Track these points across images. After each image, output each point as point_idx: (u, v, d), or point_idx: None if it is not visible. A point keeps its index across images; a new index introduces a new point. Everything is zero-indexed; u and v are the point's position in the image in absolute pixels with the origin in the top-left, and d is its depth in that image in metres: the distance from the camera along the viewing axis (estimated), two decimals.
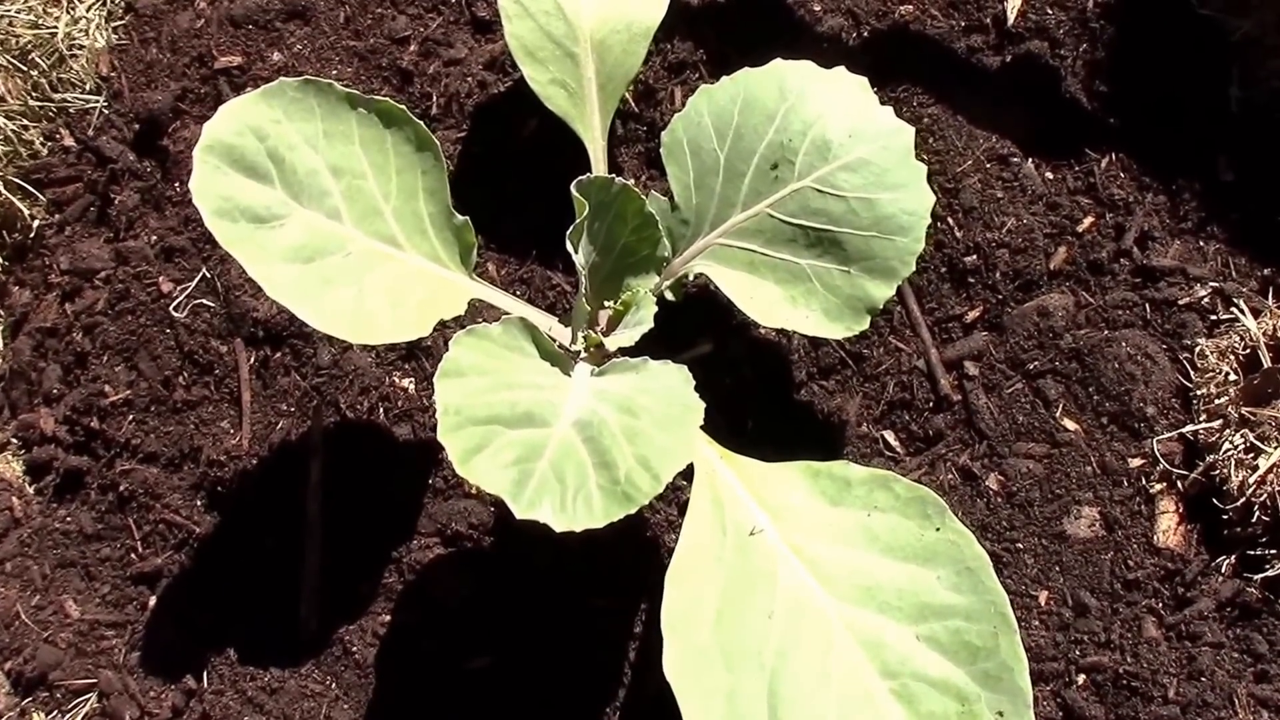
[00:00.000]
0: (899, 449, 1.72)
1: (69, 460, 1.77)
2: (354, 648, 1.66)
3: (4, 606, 1.73)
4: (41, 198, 1.88)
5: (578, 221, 1.46)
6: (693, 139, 1.53)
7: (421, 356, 1.77)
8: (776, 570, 1.36)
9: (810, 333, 1.50)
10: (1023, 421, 1.69)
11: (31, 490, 1.79)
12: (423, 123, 1.82)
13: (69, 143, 1.90)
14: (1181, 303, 1.70)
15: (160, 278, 1.82)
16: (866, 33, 1.85)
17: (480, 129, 1.87)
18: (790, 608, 1.34)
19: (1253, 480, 1.57)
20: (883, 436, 1.73)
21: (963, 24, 1.84)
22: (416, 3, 1.92)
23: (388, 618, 1.67)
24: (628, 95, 1.85)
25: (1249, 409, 1.60)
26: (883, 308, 1.49)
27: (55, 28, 1.91)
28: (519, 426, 1.33)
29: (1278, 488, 1.56)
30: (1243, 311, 1.66)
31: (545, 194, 1.76)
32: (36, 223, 1.88)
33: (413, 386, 1.76)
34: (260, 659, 1.66)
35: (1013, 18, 1.83)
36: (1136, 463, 1.65)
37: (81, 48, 1.92)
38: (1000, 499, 1.66)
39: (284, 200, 1.44)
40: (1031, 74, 1.83)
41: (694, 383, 1.40)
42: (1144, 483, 1.64)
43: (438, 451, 1.69)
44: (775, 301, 1.51)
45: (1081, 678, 1.58)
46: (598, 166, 1.66)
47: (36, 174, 1.90)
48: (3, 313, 1.88)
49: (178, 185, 1.85)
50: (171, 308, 1.80)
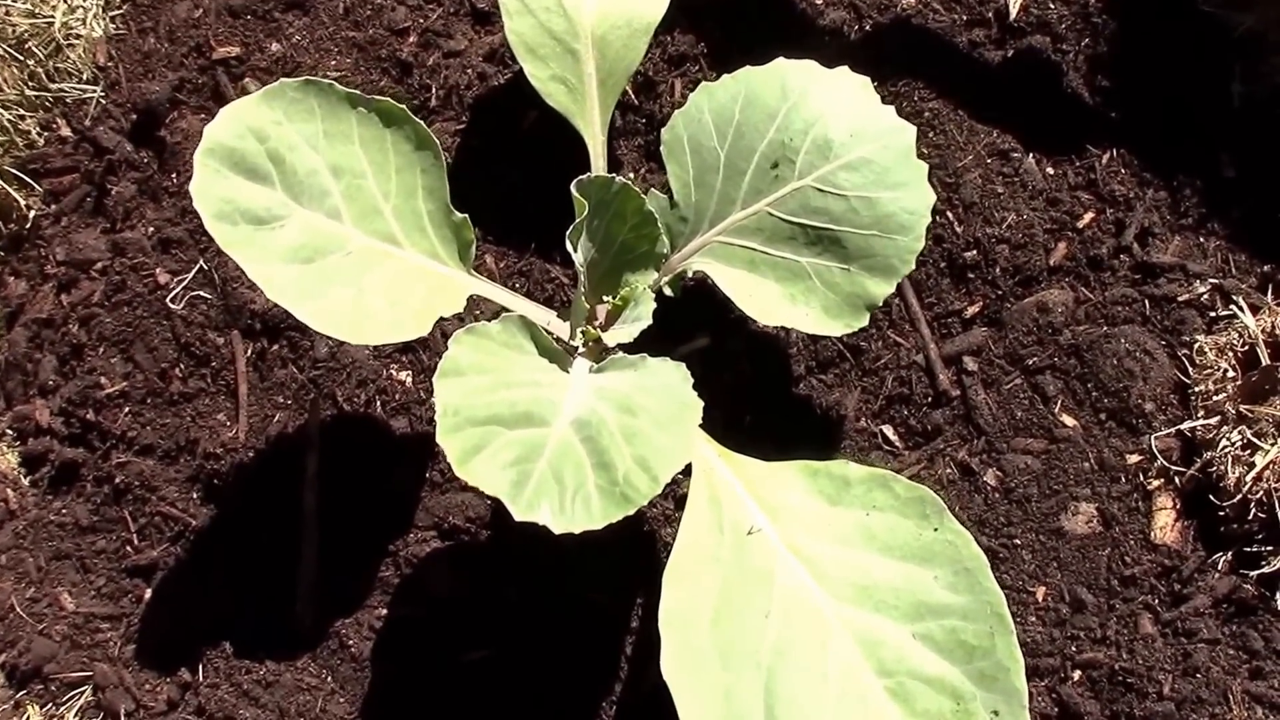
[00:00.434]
0: (897, 444, 1.72)
1: (64, 452, 1.76)
2: (350, 641, 1.66)
3: None
4: (38, 188, 1.87)
5: (577, 221, 1.45)
6: (693, 136, 1.53)
7: (419, 349, 1.77)
8: (774, 569, 1.36)
9: (810, 330, 1.50)
10: (1021, 417, 1.69)
11: (27, 482, 1.78)
12: (422, 116, 1.85)
13: (66, 133, 1.89)
14: (1181, 299, 1.70)
15: (157, 269, 1.81)
16: (868, 26, 1.84)
17: (480, 121, 1.86)
18: (787, 607, 1.34)
19: (1249, 477, 1.57)
20: (881, 431, 1.73)
21: (964, 18, 1.84)
22: None
23: (384, 611, 1.67)
24: (628, 88, 1.84)
25: (1247, 406, 1.60)
26: (883, 302, 1.49)
27: (52, 17, 1.90)
28: (518, 426, 1.33)
29: (1274, 485, 1.56)
30: (1242, 309, 1.66)
31: (544, 186, 1.76)
32: (33, 213, 1.87)
33: (410, 379, 1.75)
34: (256, 652, 1.66)
35: (1015, 12, 1.83)
36: (1134, 459, 1.66)
37: (79, 37, 1.90)
38: (998, 494, 1.67)
39: (284, 201, 1.44)
40: (1033, 69, 1.82)
41: (692, 380, 1.40)
42: (1141, 479, 1.65)
43: (435, 445, 1.67)
44: (775, 299, 1.51)
45: (1077, 673, 1.59)
46: (597, 162, 1.65)
47: (33, 164, 1.89)
48: None
49: (175, 176, 1.84)
50: (168, 299, 1.80)
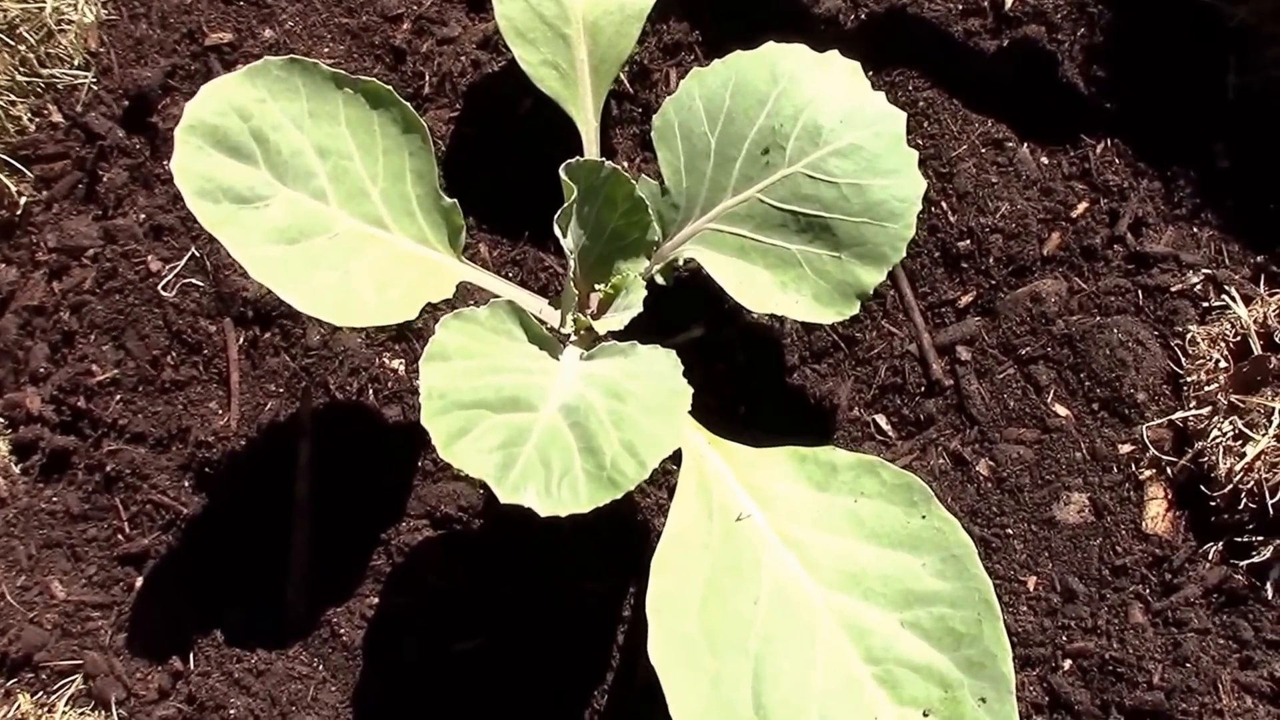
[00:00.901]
0: (890, 433, 1.72)
1: (55, 440, 1.76)
2: (342, 630, 1.66)
3: None
4: (29, 174, 1.87)
5: (566, 205, 1.45)
6: (684, 122, 1.52)
7: (412, 338, 1.77)
8: (762, 556, 1.36)
9: (800, 318, 1.50)
10: (1014, 407, 1.69)
11: (17, 470, 1.78)
12: (415, 102, 1.85)
13: (57, 119, 1.89)
14: (1174, 289, 1.70)
15: (149, 256, 1.81)
16: (863, 15, 1.84)
17: (473, 108, 1.86)
18: (775, 593, 1.34)
19: (1240, 467, 1.57)
20: (874, 421, 1.73)
21: (960, 7, 1.83)
22: None
23: (376, 600, 1.67)
24: (622, 76, 1.84)
25: (1238, 396, 1.60)
26: (875, 291, 1.48)
27: (43, 2, 1.89)
28: (504, 411, 1.32)
29: (1265, 475, 1.56)
30: (1234, 299, 1.66)
31: (539, 174, 1.75)
32: (24, 200, 1.87)
33: (402, 368, 1.75)
34: (247, 641, 1.66)
35: (1010, 2, 1.82)
36: (1126, 449, 1.65)
37: (70, 23, 1.90)
38: (990, 484, 1.66)
39: (268, 181, 1.43)
40: (1028, 58, 1.81)
41: (682, 367, 1.40)
42: (1133, 469, 1.65)
43: (427, 434, 1.67)
44: (765, 287, 1.50)
45: (1068, 663, 1.59)
46: (590, 148, 1.65)
47: (24, 150, 1.88)
48: None
49: (167, 163, 1.83)
50: (160, 287, 1.79)
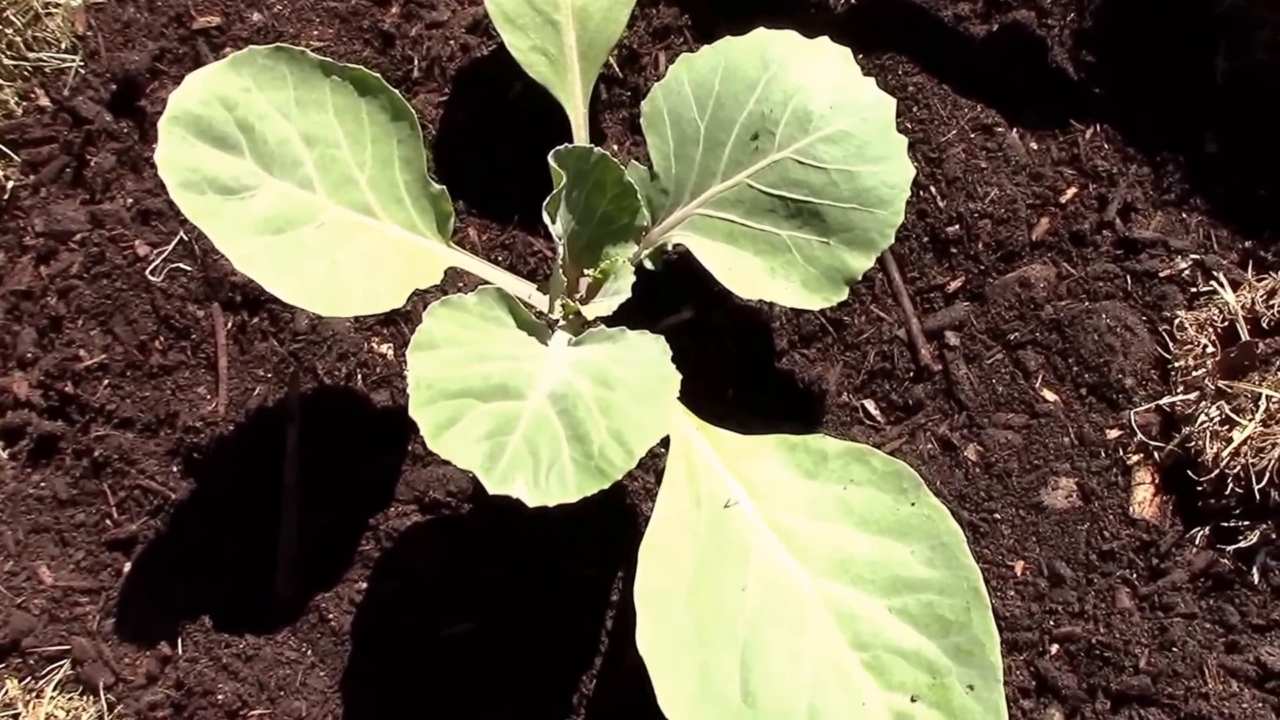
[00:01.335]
0: (879, 418, 1.72)
1: (43, 425, 1.75)
2: (330, 615, 1.66)
3: None
4: (16, 158, 1.86)
5: (555, 191, 1.44)
6: (673, 108, 1.52)
7: (400, 322, 1.76)
8: (750, 543, 1.36)
9: (788, 304, 1.50)
10: (1002, 392, 1.69)
11: (5, 455, 1.77)
12: (403, 86, 1.84)
13: (44, 103, 1.88)
14: (1162, 275, 1.70)
15: (136, 241, 1.80)
16: (854, 0, 1.84)
17: (463, 93, 1.85)
18: (764, 581, 1.34)
19: (1227, 453, 1.57)
20: (863, 406, 1.73)
21: None
22: None
23: (364, 585, 1.67)
24: (611, 60, 1.83)
25: (1225, 382, 1.60)
26: (865, 276, 1.48)
27: None
28: (492, 399, 1.32)
29: (1252, 460, 1.56)
30: (1222, 284, 1.66)
31: (528, 159, 1.74)
32: (11, 184, 1.85)
33: (391, 352, 1.75)
34: (236, 626, 1.66)
35: None
36: (1114, 434, 1.66)
37: (57, 6, 1.88)
38: (978, 469, 1.67)
39: (254, 170, 1.42)
40: (1018, 43, 1.81)
41: (671, 353, 1.40)
42: (1121, 454, 1.65)
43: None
44: (754, 272, 1.50)
45: (1055, 647, 1.59)
46: (579, 133, 1.64)
47: (11, 134, 1.87)
48: None
49: (154, 147, 1.81)
50: (148, 271, 1.78)
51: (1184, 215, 1.74)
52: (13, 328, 1.80)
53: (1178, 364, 1.65)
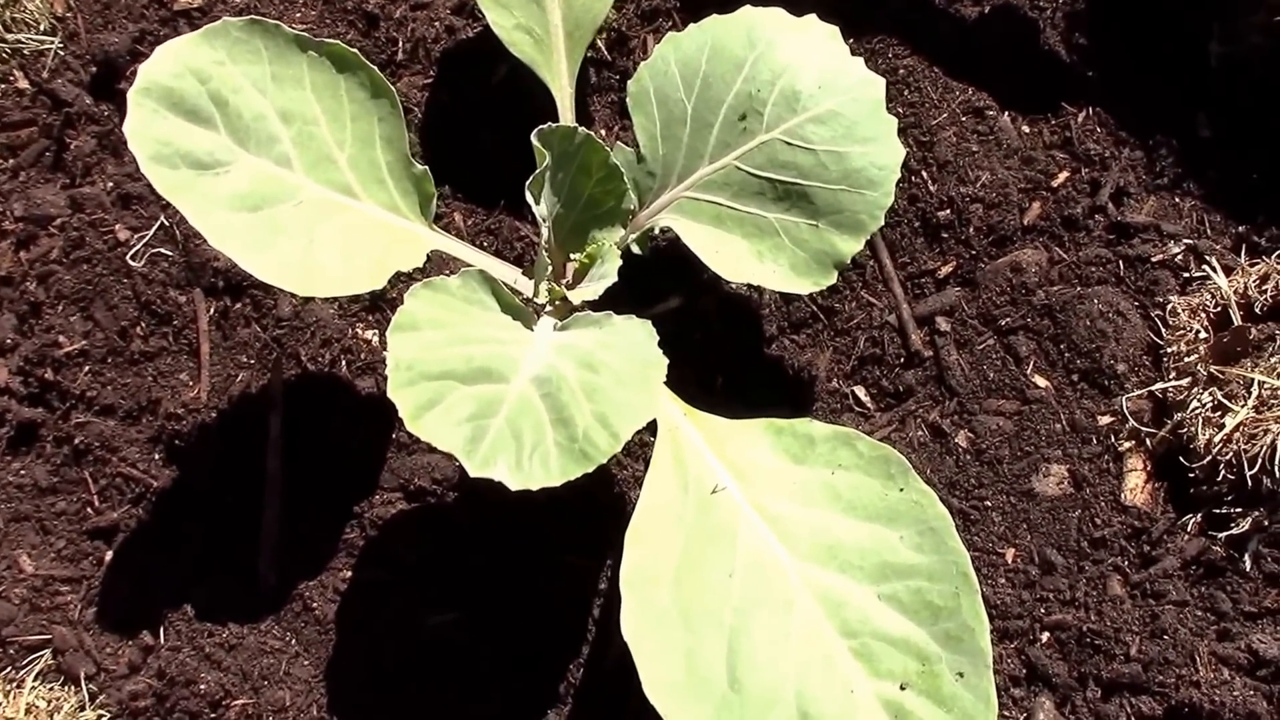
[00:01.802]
0: (869, 405, 1.71)
1: (23, 412, 1.73)
2: (314, 604, 1.64)
3: None
4: None
5: (537, 172, 1.43)
6: (659, 88, 1.50)
7: (385, 308, 1.75)
8: (737, 529, 1.35)
9: (776, 288, 1.48)
10: (993, 378, 1.68)
11: None
12: (388, 68, 1.83)
13: (23, 85, 1.86)
14: (1155, 260, 1.69)
15: (117, 225, 1.78)
16: None
17: (448, 75, 1.83)
18: (751, 566, 1.33)
19: (1219, 439, 1.56)
20: (853, 392, 1.71)
21: None
22: None
23: (349, 574, 1.66)
24: (599, 43, 1.82)
25: (1218, 367, 1.59)
26: (855, 261, 1.46)
27: None
28: (475, 382, 1.31)
29: (1244, 446, 1.55)
30: (1215, 269, 1.65)
31: (515, 142, 1.73)
32: None
33: (376, 338, 1.73)
34: (219, 615, 1.65)
35: None
36: (1106, 420, 1.65)
37: None
38: (969, 456, 1.66)
39: (228, 146, 1.40)
40: (1010, 25, 1.80)
41: (657, 338, 1.39)
42: (1113, 440, 1.64)
43: None
44: (741, 256, 1.49)
45: (1046, 635, 1.58)
46: (565, 115, 1.63)
47: None
48: None
49: None
50: (128, 256, 1.77)
51: (1177, 199, 1.73)
52: None
53: (1170, 350, 1.64)
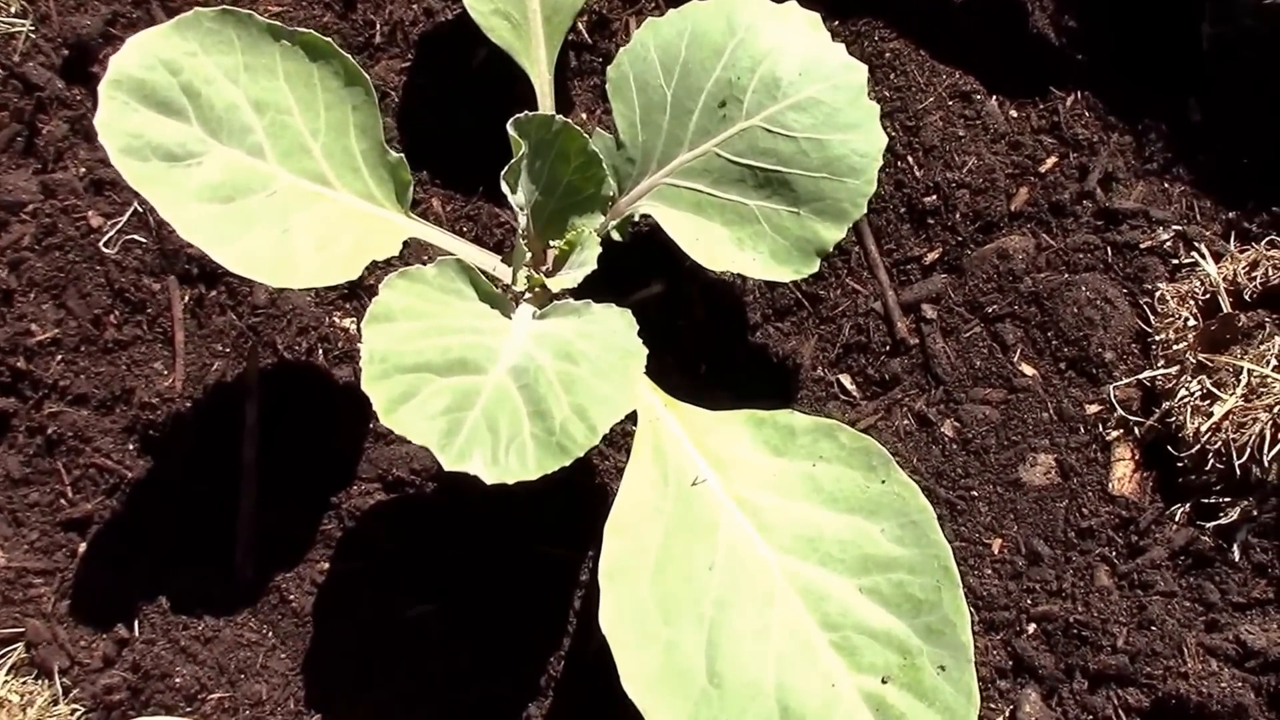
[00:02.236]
0: (855, 393, 1.69)
1: None
2: (291, 596, 1.63)
3: None
4: None
5: (514, 160, 1.42)
6: (639, 74, 1.49)
7: (363, 296, 1.73)
8: (718, 521, 1.34)
9: (757, 275, 1.48)
10: (980, 366, 1.67)
11: None
12: (365, 52, 1.81)
13: None
14: (1143, 246, 1.68)
15: (90, 212, 1.76)
16: None
17: (426, 59, 1.81)
18: (731, 559, 1.32)
19: (1207, 427, 1.55)
20: (838, 381, 1.70)
21: None
22: None
23: (326, 565, 1.64)
24: (580, 26, 1.80)
25: (1206, 355, 1.58)
26: (839, 247, 1.46)
27: None
28: (451, 374, 1.30)
29: (1233, 435, 1.55)
30: (1204, 256, 1.64)
31: (494, 128, 1.69)
32: None
33: (353, 327, 1.72)
34: (194, 608, 1.63)
35: None
36: (1093, 409, 1.64)
37: None
38: (956, 445, 1.64)
39: (200, 137, 1.40)
40: (997, 8, 1.78)
41: (637, 327, 1.38)
42: (1100, 429, 1.63)
43: None
44: (722, 243, 1.48)
45: (1032, 626, 1.57)
46: (543, 101, 1.61)
47: None
48: None
49: None
50: (101, 243, 1.75)
51: (1166, 185, 1.71)
52: None
53: (1158, 337, 1.63)
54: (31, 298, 1.74)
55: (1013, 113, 1.75)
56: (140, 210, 1.76)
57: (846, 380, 1.70)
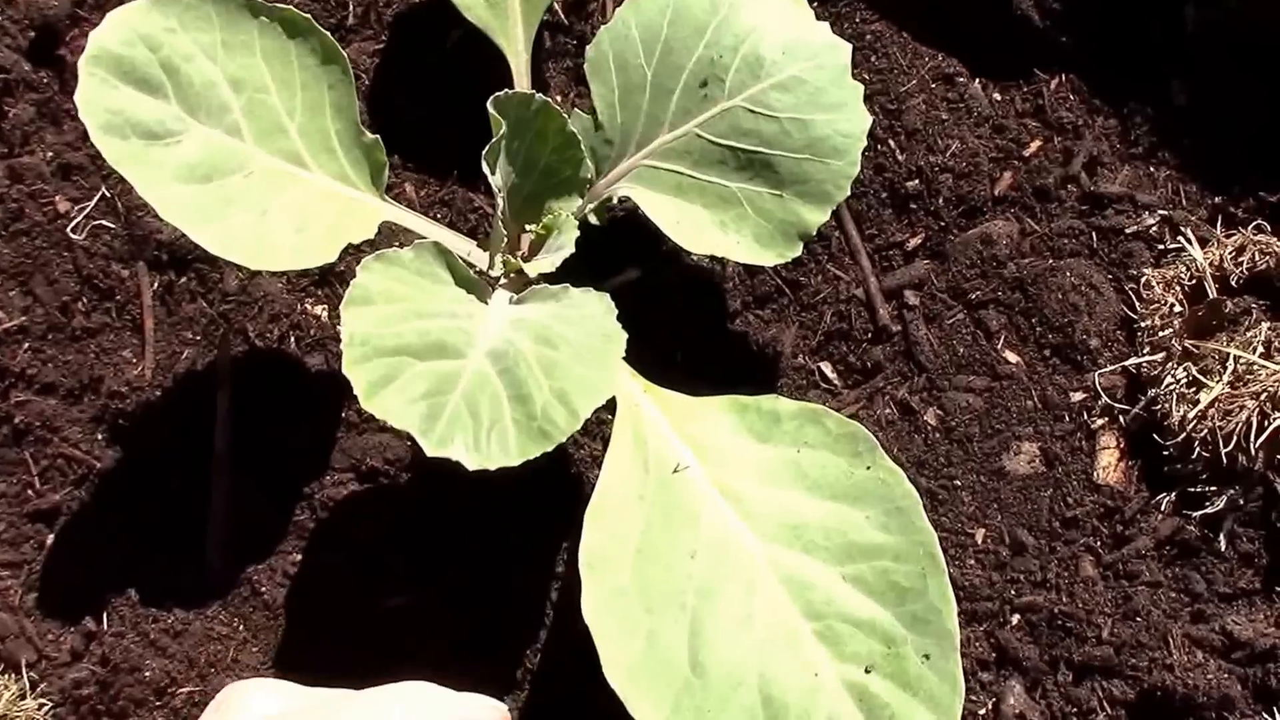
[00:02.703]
0: (836, 381, 1.68)
1: None
2: (263, 588, 1.61)
3: None
4: None
5: (494, 140, 1.40)
6: (619, 53, 1.48)
7: (335, 283, 1.70)
8: (700, 509, 1.33)
9: (740, 259, 1.46)
10: (963, 353, 1.66)
11: None
12: (338, 33, 1.78)
13: None
14: (1129, 231, 1.67)
15: (57, 196, 1.73)
16: None
17: (400, 40, 1.79)
18: (713, 547, 1.31)
19: (1193, 415, 1.54)
20: (819, 368, 1.68)
21: None
22: None
23: (299, 557, 1.62)
24: (556, 6, 1.79)
25: (1192, 341, 1.57)
26: (820, 233, 1.45)
27: None
28: (430, 357, 1.28)
29: (1219, 423, 1.54)
30: (1190, 241, 1.63)
31: (469, 110, 1.68)
32: None
33: (325, 314, 1.69)
34: (164, 600, 1.61)
35: None
36: (1078, 397, 1.63)
37: None
38: (939, 434, 1.63)
39: (179, 115, 1.38)
40: None
41: (616, 311, 1.36)
42: (1085, 417, 1.62)
43: (351, 383, 1.63)
44: (703, 226, 1.47)
45: (1016, 617, 1.57)
46: (520, 81, 1.60)
47: None
48: None
49: (76, 98, 1.75)
50: (69, 229, 1.72)
51: (1152, 169, 1.70)
52: None
53: (1144, 324, 1.62)
54: None
55: (996, 96, 1.74)
56: (108, 195, 1.73)
57: (828, 368, 1.69)
